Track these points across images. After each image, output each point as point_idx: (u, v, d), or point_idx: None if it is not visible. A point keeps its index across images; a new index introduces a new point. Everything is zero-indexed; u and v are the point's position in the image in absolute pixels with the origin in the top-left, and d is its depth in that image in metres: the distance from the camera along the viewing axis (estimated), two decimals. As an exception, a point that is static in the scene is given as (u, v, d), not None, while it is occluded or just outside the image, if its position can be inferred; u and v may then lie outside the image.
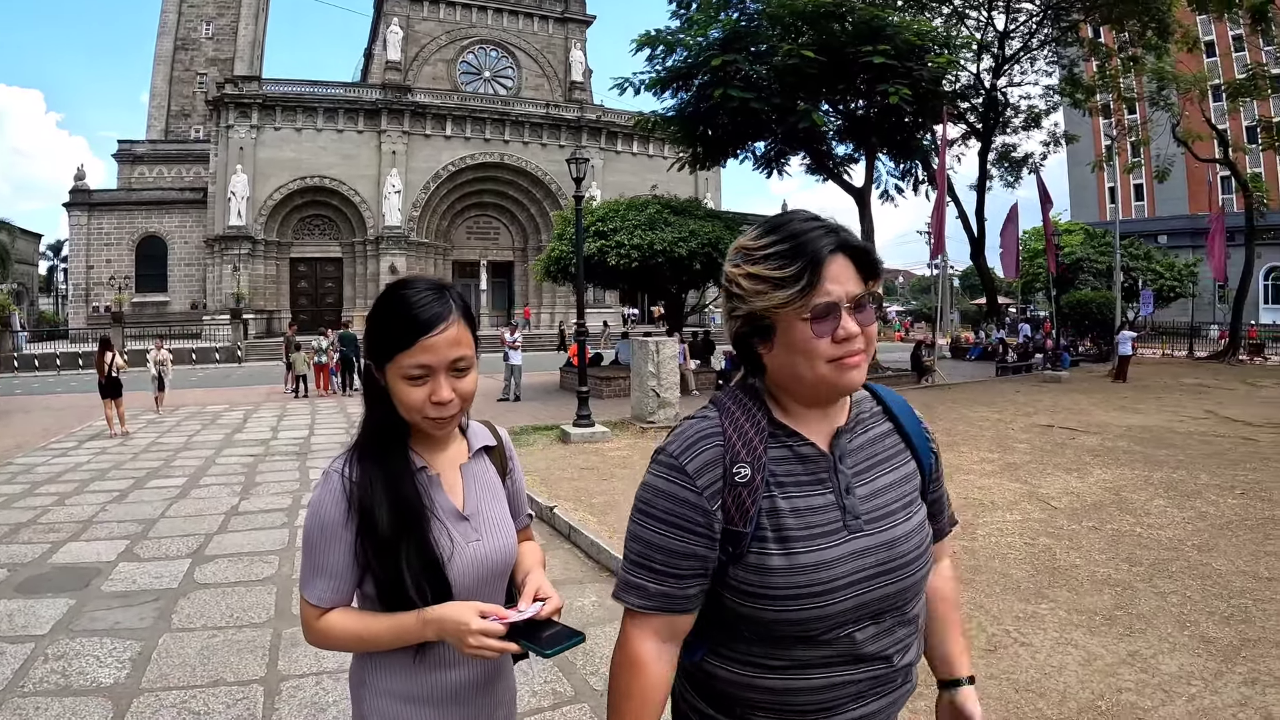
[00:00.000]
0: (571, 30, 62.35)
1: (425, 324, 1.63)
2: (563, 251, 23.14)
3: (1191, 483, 9.33)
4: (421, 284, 1.71)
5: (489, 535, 1.79)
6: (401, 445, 1.75)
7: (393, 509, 1.67)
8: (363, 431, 1.77)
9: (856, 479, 1.52)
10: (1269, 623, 5.13)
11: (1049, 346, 29.99)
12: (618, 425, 14.65)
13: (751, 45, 21.23)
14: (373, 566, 1.68)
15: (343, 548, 1.67)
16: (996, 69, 30.90)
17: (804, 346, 1.43)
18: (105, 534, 8.11)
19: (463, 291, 1.77)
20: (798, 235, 1.43)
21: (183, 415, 18.36)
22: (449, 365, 1.66)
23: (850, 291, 1.42)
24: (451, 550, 1.71)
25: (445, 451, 1.83)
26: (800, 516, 1.46)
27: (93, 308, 52.06)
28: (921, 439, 1.65)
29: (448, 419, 1.71)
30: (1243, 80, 32.51)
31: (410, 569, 1.66)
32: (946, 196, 25.46)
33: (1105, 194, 66.68)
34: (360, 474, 1.69)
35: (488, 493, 1.85)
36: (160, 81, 66.71)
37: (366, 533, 1.66)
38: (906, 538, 1.52)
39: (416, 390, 1.65)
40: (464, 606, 1.62)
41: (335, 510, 1.67)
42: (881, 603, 1.48)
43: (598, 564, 6.93)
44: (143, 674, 4.77)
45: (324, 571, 1.68)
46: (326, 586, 1.69)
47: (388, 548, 1.66)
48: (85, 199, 53.63)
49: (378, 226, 51.08)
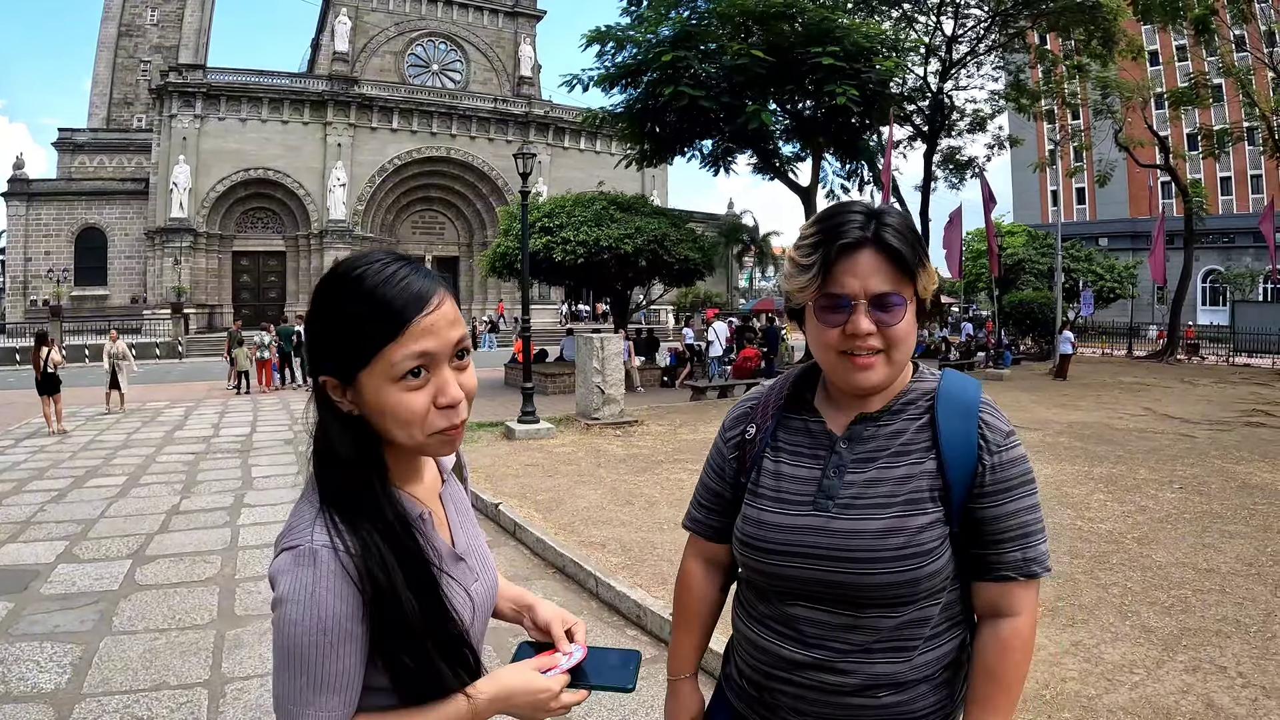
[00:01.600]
0: (521, 25, 62.07)
1: (416, 300, 1.22)
2: (509, 247, 23.08)
3: (1131, 477, 9.53)
4: (384, 256, 1.28)
5: (484, 571, 1.46)
6: (385, 486, 1.28)
7: (413, 584, 1.24)
8: (334, 480, 1.26)
9: (856, 465, 1.52)
10: (1208, 612, 5.27)
11: (991, 345, 30.43)
12: (563, 422, 14.62)
13: (701, 44, 21.24)
14: (397, 660, 1.23)
15: (355, 648, 1.19)
16: (943, 73, 31.22)
17: (814, 333, 1.50)
18: (44, 535, 7.97)
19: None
20: (831, 226, 1.46)
21: (122, 412, 17.99)
22: (453, 350, 1.26)
23: (870, 288, 1.43)
24: (472, 609, 1.36)
25: (423, 481, 1.42)
26: (779, 480, 1.57)
27: (30, 301, 50.75)
28: (962, 444, 1.48)
29: (459, 428, 1.29)
30: (1184, 89, 33.16)
31: (438, 649, 1.26)
32: (892, 197, 25.70)
33: (1048, 197, 67.77)
34: (360, 543, 1.20)
35: (467, 518, 1.51)
36: (103, 68, 65.27)
37: (389, 624, 1.21)
38: (878, 534, 1.44)
39: (418, 395, 1.22)
40: (519, 671, 1.34)
41: (339, 602, 1.17)
42: (827, 588, 1.48)
43: (544, 560, 6.92)
44: (84, 679, 4.70)
45: (331, 686, 1.18)
46: (339, 704, 1.19)
47: (417, 636, 1.23)
48: (24, 189, 52.10)
49: (322, 220, 50.62)
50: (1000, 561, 1.49)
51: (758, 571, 1.57)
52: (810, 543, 1.48)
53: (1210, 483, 9.26)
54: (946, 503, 1.48)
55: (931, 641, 1.50)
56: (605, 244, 21.58)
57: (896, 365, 1.49)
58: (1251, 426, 13.94)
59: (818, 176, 25.11)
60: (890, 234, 1.43)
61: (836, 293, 1.43)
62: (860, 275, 1.42)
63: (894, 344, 1.46)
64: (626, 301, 26.15)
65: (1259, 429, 13.68)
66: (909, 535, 1.44)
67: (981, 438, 1.49)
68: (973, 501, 1.48)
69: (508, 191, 52.11)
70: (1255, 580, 5.88)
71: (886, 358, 1.47)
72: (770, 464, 1.60)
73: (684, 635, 1.81)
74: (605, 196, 24.53)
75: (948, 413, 1.52)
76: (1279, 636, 4.87)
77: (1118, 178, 39.92)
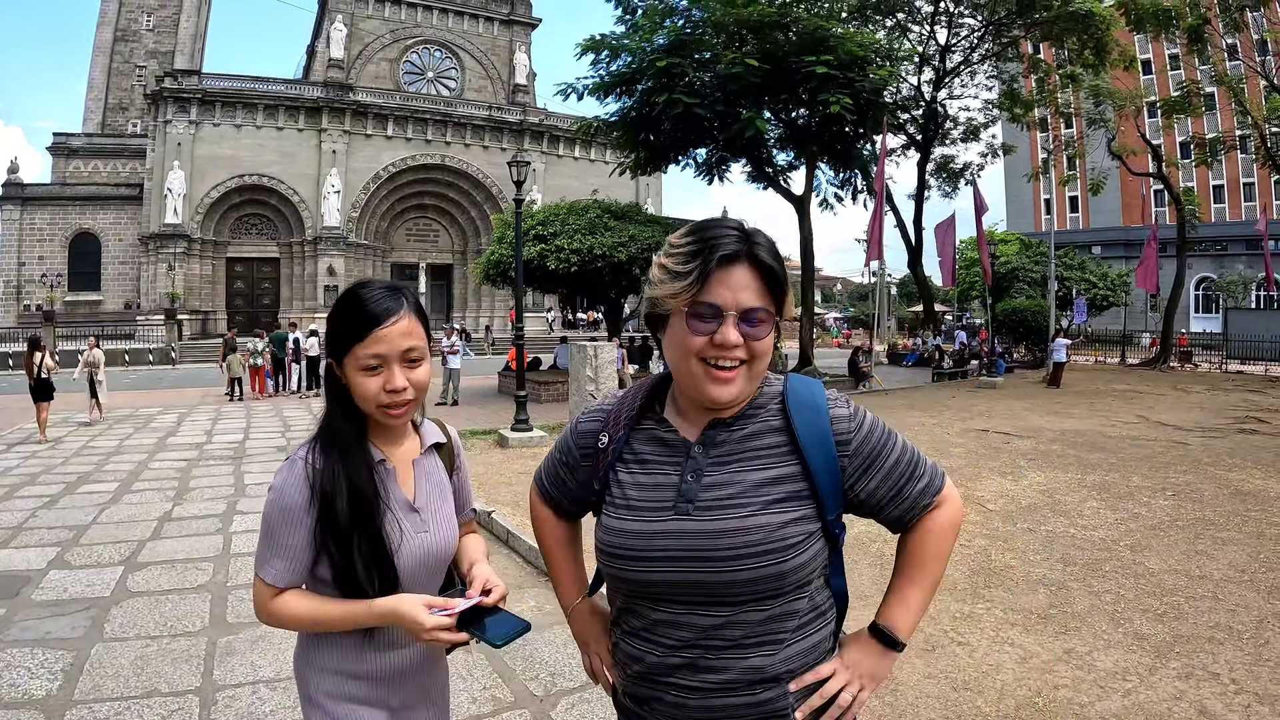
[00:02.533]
0: (516, 33, 62.15)
1: (377, 316, 1.77)
2: (502, 255, 23.10)
3: (1124, 485, 9.54)
4: (377, 284, 1.87)
5: (435, 527, 1.91)
6: (361, 437, 1.86)
7: (351, 498, 1.77)
8: (324, 423, 1.88)
9: (712, 469, 1.59)
10: (1201, 619, 5.27)
11: (984, 353, 30.45)
12: (556, 429, 14.56)
13: (696, 53, 21.30)
14: (329, 552, 1.78)
15: (302, 531, 1.77)
16: (937, 82, 31.30)
17: (679, 339, 1.53)
18: (35, 541, 7.92)
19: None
20: (707, 239, 1.51)
21: (115, 418, 17.92)
22: (402, 355, 1.79)
23: (742, 302, 1.49)
24: (401, 540, 1.82)
25: (400, 446, 1.95)
26: (640, 489, 1.63)
27: (24, 306, 50.72)
28: (820, 445, 1.59)
29: (402, 408, 1.82)
30: (1177, 98, 33.37)
31: (362, 556, 1.77)
32: (885, 205, 25.75)
33: (1041, 205, 67.96)
34: (324, 462, 1.79)
35: (436, 487, 1.98)
36: (99, 73, 65.34)
37: (326, 519, 1.76)
38: (740, 533, 1.51)
39: (372, 380, 1.78)
40: (414, 600, 1.73)
41: (298, 495, 1.77)
42: (693, 589, 1.54)
43: (536, 569, 6.90)
44: (75, 685, 4.67)
45: (282, 553, 1.78)
46: (284, 568, 1.79)
47: (344, 535, 1.77)
48: (18, 192, 52.24)
49: (316, 227, 50.61)
50: (911, 502, 1.66)
51: (624, 580, 1.63)
52: (673, 546, 1.54)
53: (1203, 490, 9.27)
54: (817, 500, 1.57)
55: (800, 632, 1.59)
56: (599, 252, 21.59)
57: (754, 378, 1.58)
58: (1244, 433, 13.97)
59: (811, 185, 25.18)
60: (762, 251, 1.51)
61: (710, 302, 1.49)
62: (733, 288, 1.49)
63: (756, 357, 1.54)
64: (620, 309, 26.17)
65: (1251, 436, 13.71)
66: (768, 531, 1.52)
67: (835, 431, 1.60)
68: (855, 485, 1.62)
69: (502, 199, 52.14)
70: (1248, 587, 5.90)
71: (748, 369, 1.54)
72: (626, 475, 1.67)
73: (558, 568, 1.96)
74: (599, 204, 24.57)
75: (802, 417, 1.61)
76: (1272, 643, 4.88)
77: (1111, 186, 39.97)
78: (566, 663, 4.93)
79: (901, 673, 4.42)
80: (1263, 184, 57.12)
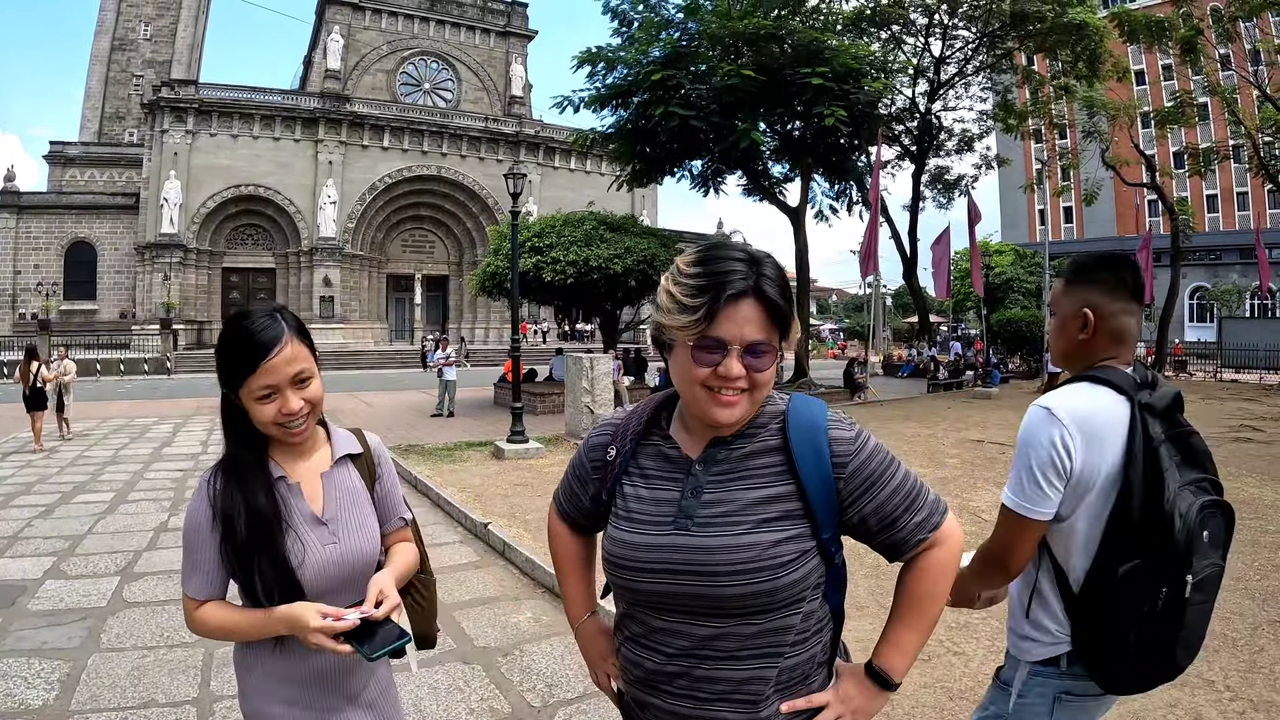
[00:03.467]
0: (513, 44, 62.40)
1: (262, 348, 1.84)
2: (498, 267, 23.04)
3: (1117, 496, 9.52)
4: (256, 313, 1.91)
5: (347, 538, 1.99)
6: (260, 457, 1.96)
7: (249, 517, 1.87)
8: (226, 447, 1.98)
9: (711, 485, 1.63)
10: (1197, 627, 5.26)
11: (980, 363, 30.50)
12: (552, 441, 14.60)
13: (692, 65, 21.40)
14: (231, 568, 1.90)
15: (211, 549, 1.89)
16: (932, 93, 31.43)
17: (683, 368, 1.58)
18: (31, 550, 7.89)
19: (295, 313, 2.00)
20: (717, 273, 1.53)
21: (110, 428, 17.88)
22: (291, 380, 1.88)
23: (746, 336, 1.52)
24: (304, 555, 1.91)
25: (307, 460, 2.04)
26: (642, 502, 1.68)
27: (19, 315, 50.55)
28: (815, 465, 1.61)
29: (300, 428, 1.93)
30: (1171, 108, 33.46)
31: (261, 573, 1.86)
32: (880, 217, 25.81)
33: (1035, 216, 68.27)
34: (223, 484, 1.90)
35: (348, 498, 2.04)
36: (96, 82, 65.39)
37: (227, 538, 1.87)
38: (733, 550, 1.55)
39: (268, 407, 1.87)
40: (307, 608, 1.82)
41: (203, 516, 1.89)
42: (690, 600, 1.58)
43: (532, 580, 6.90)
44: (72, 695, 4.65)
45: (198, 569, 1.91)
46: (201, 582, 1.91)
47: (245, 552, 1.86)
48: (14, 200, 51.98)
49: (312, 238, 50.64)
50: (907, 534, 1.65)
51: (627, 589, 1.68)
52: (672, 559, 1.59)
53: (1196, 497, 9.29)
54: (811, 519, 1.60)
55: (797, 646, 1.62)
56: (595, 264, 21.56)
57: (755, 404, 1.61)
58: (1239, 441, 13.99)
59: (806, 197, 25.32)
60: (769, 285, 1.53)
61: (716, 337, 1.52)
62: (739, 323, 1.52)
63: (757, 386, 1.57)
64: (616, 321, 26.15)
65: (1246, 444, 13.73)
66: (761, 549, 1.55)
67: (833, 453, 1.61)
68: (849, 508, 1.63)
69: (498, 210, 52.06)
70: (1242, 594, 5.90)
71: (750, 395, 1.58)
72: (631, 489, 1.72)
73: (569, 583, 2.01)
74: (595, 216, 24.53)
75: (799, 437, 1.63)
76: (1267, 649, 4.89)
77: (1104, 196, 40.20)
78: (564, 673, 4.94)
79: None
80: (1256, 193, 57.37)
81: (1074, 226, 69.66)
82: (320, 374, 1.99)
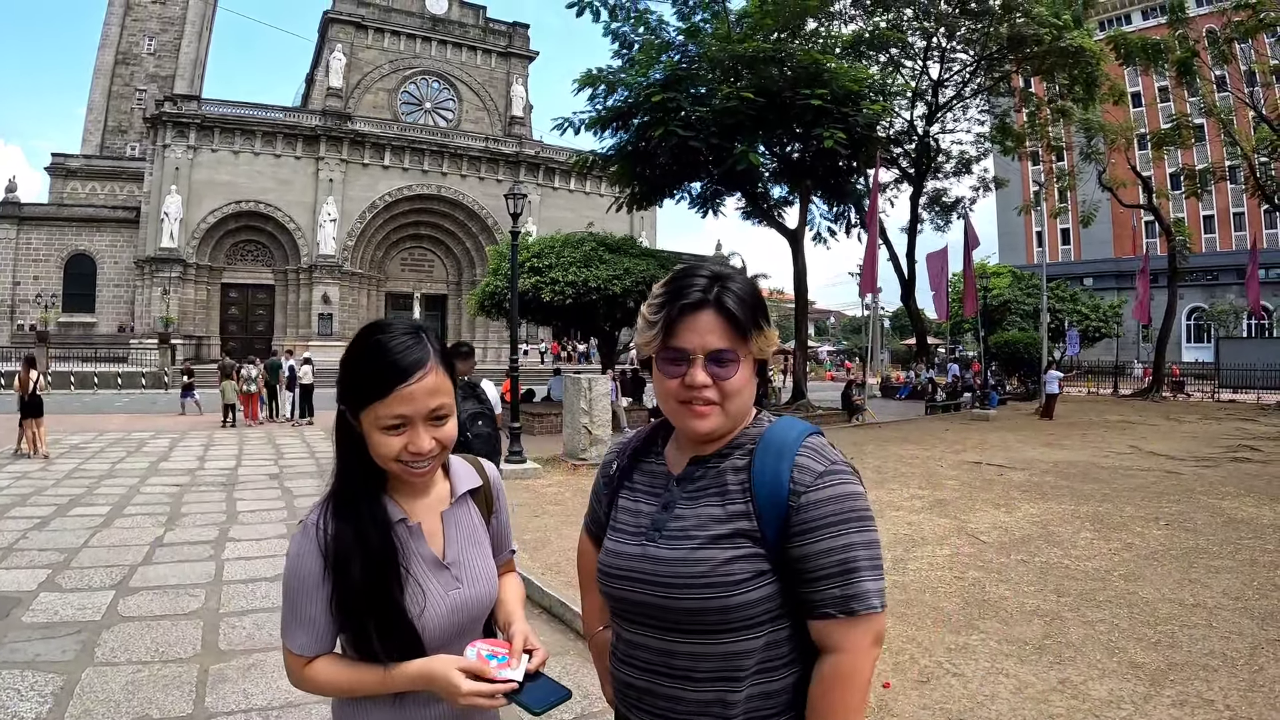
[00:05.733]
0: (514, 65, 62.71)
1: (402, 372, 1.58)
2: (497, 286, 23.08)
3: (1117, 515, 9.54)
4: (398, 327, 1.66)
5: (470, 582, 1.76)
6: (377, 495, 1.70)
7: (365, 566, 1.62)
8: (337, 480, 1.71)
9: (684, 501, 1.65)
10: (1195, 647, 5.28)
11: (977, 385, 30.51)
12: (549, 462, 14.62)
13: (691, 87, 21.51)
14: (342, 622, 1.65)
15: (320, 601, 1.64)
16: (930, 116, 31.58)
17: (658, 383, 1.64)
18: (25, 562, 7.86)
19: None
20: (676, 289, 1.61)
21: (106, 442, 17.84)
22: (427, 415, 1.62)
23: (708, 345, 1.56)
24: (424, 603, 1.67)
25: (426, 497, 1.78)
26: (626, 514, 1.74)
27: (17, 326, 50.50)
28: (771, 487, 1.55)
29: (425, 469, 1.67)
30: (1167, 130, 33.70)
31: (376, 627, 1.63)
32: (879, 239, 25.87)
33: (1033, 238, 68.47)
34: (335, 529, 1.64)
35: (469, 538, 1.81)
36: (99, 95, 65.62)
37: (342, 589, 1.62)
38: (687, 563, 1.55)
39: (393, 439, 1.61)
40: (448, 666, 1.59)
41: (313, 564, 1.63)
42: (652, 610, 1.61)
43: (530, 600, 6.88)
44: (65, 709, 4.63)
45: (304, 624, 1.65)
46: (308, 638, 1.65)
47: (359, 605, 1.62)
48: (15, 212, 51.95)
49: (312, 255, 50.71)
50: (820, 599, 1.51)
51: (609, 597, 1.73)
52: (639, 569, 1.63)
53: (1196, 519, 9.29)
54: (764, 542, 1.55)
55: (760, 675, 1.56)
56: (594, 284, 21.62)
57: (731, 415, 1.62)
58: (1237, 462, 14.02)
59: (805, 219, 25.39)
60: (730, 298, 1.57)
61: (677, 346, 1.58)
62: (700, 332, 1.56)
63: (728, 396, 1.59)
64: (614, 342, 26.17)
65: (1244, 464, 13.75)
66: (713, 565, 1.54)
67: (793, 479, 1.54)
68: (788, 541, 1.53)
69: (497, 230, 52.05)
70: (1242, 614, 5.91)
71: (722, 409, 1.60)
72: (624, 501, 1.78)
73: (588, 597, 2.02)
74: (594, 237, 24.57)
75: (763, 457, 1.60)
76: (1266, 669, 4.89)
77: (1102, 218, 40.35)
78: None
79: (897, 704, 4.42)
80: (1252, 214, 57.58)
81: (1071, 248, 69.90)
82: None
